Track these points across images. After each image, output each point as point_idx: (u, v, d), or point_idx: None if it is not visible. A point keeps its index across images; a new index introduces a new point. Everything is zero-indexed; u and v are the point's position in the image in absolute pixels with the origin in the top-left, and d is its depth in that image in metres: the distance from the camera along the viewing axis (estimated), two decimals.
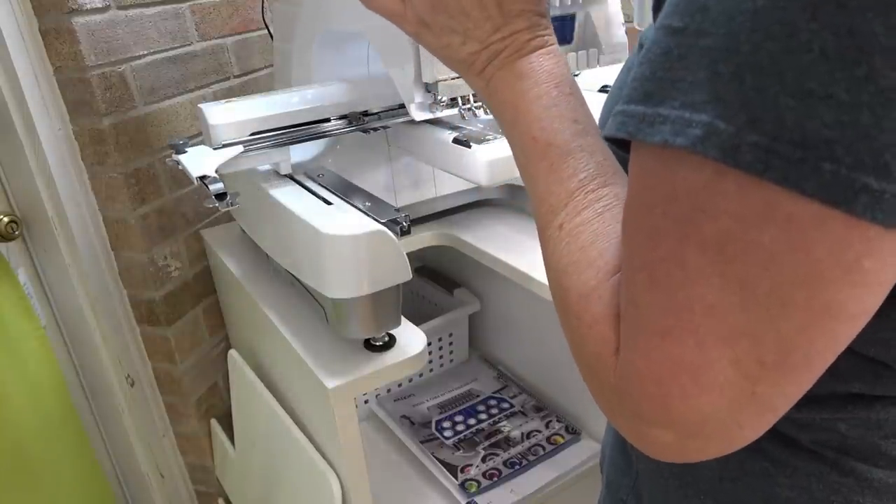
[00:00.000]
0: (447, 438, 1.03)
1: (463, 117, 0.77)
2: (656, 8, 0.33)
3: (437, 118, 0.76)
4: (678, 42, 0.26)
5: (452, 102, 0.73)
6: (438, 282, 1.24)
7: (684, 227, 0.26)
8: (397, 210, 0.67)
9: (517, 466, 0.97)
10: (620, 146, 0.30)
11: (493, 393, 1.14)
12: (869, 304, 0.25)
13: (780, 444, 0.38)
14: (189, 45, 1.03)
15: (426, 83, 0.71)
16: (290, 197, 0.73)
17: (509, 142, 0.40)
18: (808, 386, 0.28)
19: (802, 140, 0.22)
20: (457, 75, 0.72)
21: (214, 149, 0.72)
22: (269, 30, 1.14)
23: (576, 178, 0.35)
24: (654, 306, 0.27)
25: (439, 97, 0.71)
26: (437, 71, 0.70)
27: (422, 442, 1.03)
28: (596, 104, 0.40)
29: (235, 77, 1.14)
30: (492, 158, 0.72)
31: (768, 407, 0.28)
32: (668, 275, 0.27)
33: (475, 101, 0.78)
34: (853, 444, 0.36)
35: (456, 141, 0.75)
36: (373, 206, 0.69)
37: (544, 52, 0.39)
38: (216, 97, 1.09)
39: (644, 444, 0.30)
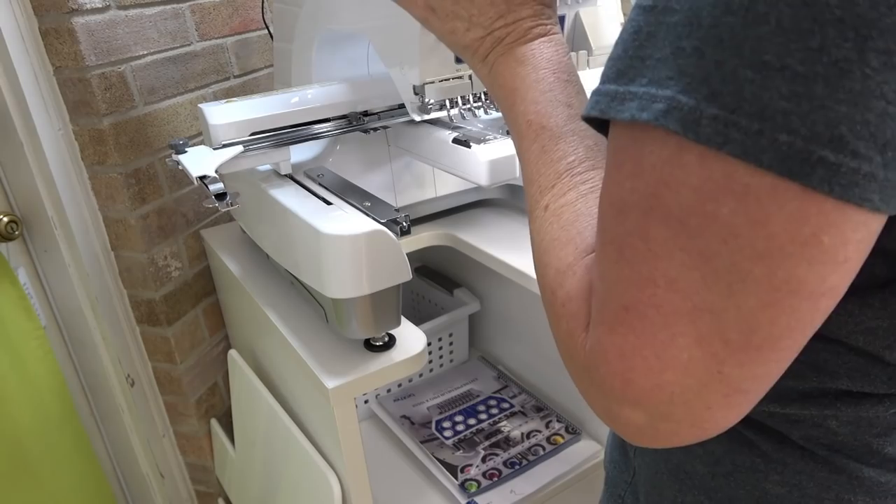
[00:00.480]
0: (447, 438, 1.03)
1: (463, 117, 0.77)
2: None
3: (438, 118, 0.76)
4: (648, 20, 0.26)
5: (442, 104, 0.73)
6: (438, 282, 1.24)
7: (649, 201, 0.26)
8: (397, 210, 0.67)
9: (517, 466, 0.97)
10: (602, 129, 0.30)
11: (493, 393, 1.14)
12: (832, 282, 0.25)
13: (770, 440, 0.38)
14: (189, 45, 1.03)
15: (414, 86, 0.72)
16: (290, 197, 0.73)
17: (509, 126, 0.41)
18: (778, 368, 0.27)
19: (760, 112, 0.22)
20: (445, 77, 0.72)
21: (214, 149, 0.72)
22: (269, 30, 1.14)
23: (564, 160, 0.36)
24: (620, 280, 0.27)
25: (427, 99, 0.72)
26: (426, 73, 0.70)
27: (422, 442, 1.03)
28: None
29: (235, 77, 1.14)
30: (492, 158, 0.72)
31: (736, 388, 0.27)
32: (633, 248, 0.27)
33: (475, 101, 0.78)
34: (844, 442, 0.36)
35: (456, 141, 0.75)
36: (373, 206, 0.69)
37: (545, 39, 0.40)
38: (216, 97, 1.09)
39: (617, 425, 0.30)
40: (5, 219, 0.88)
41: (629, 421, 0.29)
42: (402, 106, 0.81)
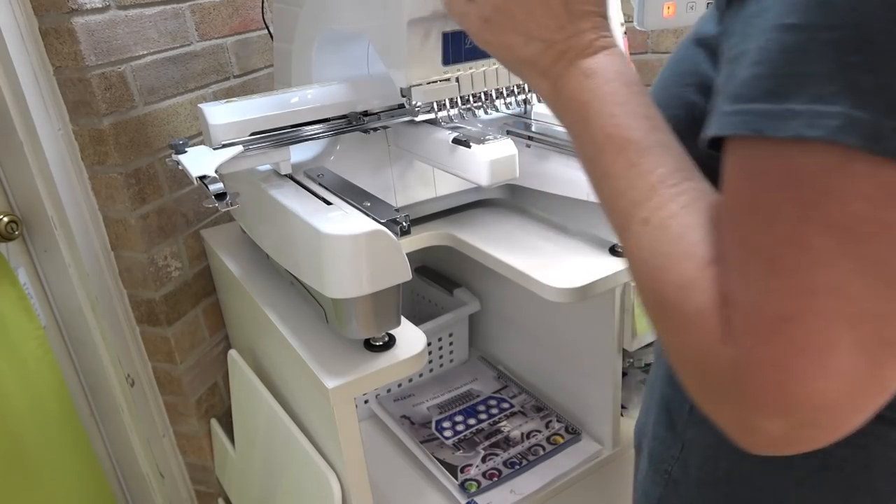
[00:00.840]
0: (447, 438, 1.03)
1: (463, 117, 0.77)
2: (727, 4, 0.33)
3: (437, 118, 0.76)
4: (797, 38, 0.26)
5: (430, 108, 0.74)
6: (438, 282, 1.24)
7: (806, 211, 0.26)
8: (397, 210, 0.67)
9: (517, 466, 0.97)
10: (713, 146, 0.31)
11: (493, 393, 1.14)
12: None
13: None
14: (189, 45, 1.03)
15: (401, 88, 0.72)
16: (290, 197, 0.73)
17: (576, 141, 0.40)
18: None
19: None
20: (432, 80, 0.72)
21: (214, 149, 0.72)
22: (269, 30, 1.14)
23: (656, 172, 0.35)
24: (774, 290, 0.27)
25: (413, 102, 0.72)
26: (412, 76, 0.70)
27: (422, 442, 1.03)
28: None
29: (235, 77, 1.14)
30: (492, 158, 0.72)
31: (885, 388, 0.28)
32: (789, 258, 0.27)
33: (475, 102, 0.78)
34: None
35: (456, 141, 0.75)
36: (373, 206, 0.69)
37: (609, 52, 0.40)
38: (216, 97, 1.09)
39: (750, 437, 0.30)
40: (5, 219, 0.88)
41: (766, 431, 0.29)
42: (402, 106, 0.81)
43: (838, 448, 0.37)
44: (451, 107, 0.75)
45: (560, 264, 0.81)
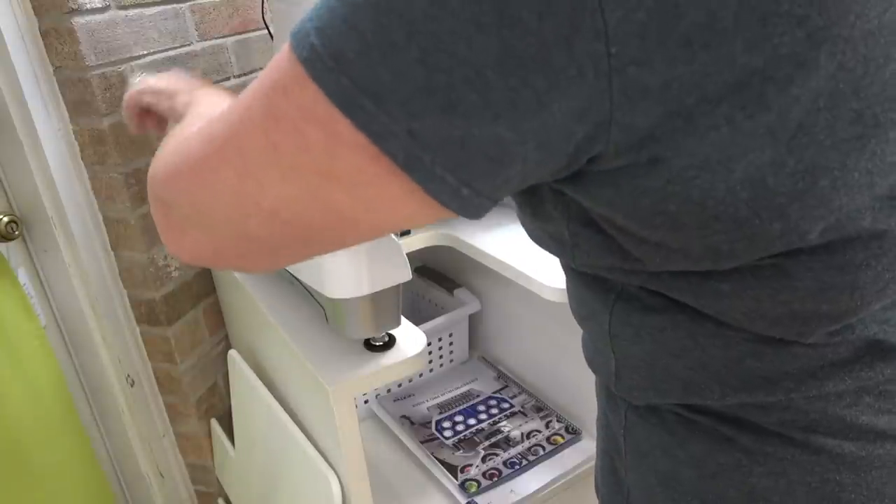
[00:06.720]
0: (447, 438, 1.03)
1: None
2: None
3: None
4: None
5: None
6: (438, 282, 1.24)
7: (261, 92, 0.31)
8: None
9: (517, 466, 0.97)
10: None
11: (493, 393, 1.14)
12: (347, 205, 0.30)
13: (747, 433, 0.38)
14: (189, 45, 1.03)
15: None
16: None
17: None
18: (298, 250, 0.36)
19: (335, 54, 0.28)
20: None
21: None
22: (269, 30, 1.14)
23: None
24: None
25: None
26: None
27: (422, 442, 1.03)
28: None
29: (235, 77, 1.14)
30: None
31: (256, 238, 0.34)
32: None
33: None
34: (818, 420, 0.37)
35: None
36: None
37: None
38: None
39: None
40: (5, 219, 0.88)
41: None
42: None
43: (760, 479, 0.38)
44: None
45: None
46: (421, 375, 1.20)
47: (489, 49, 0.26)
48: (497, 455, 1.00)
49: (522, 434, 1.04)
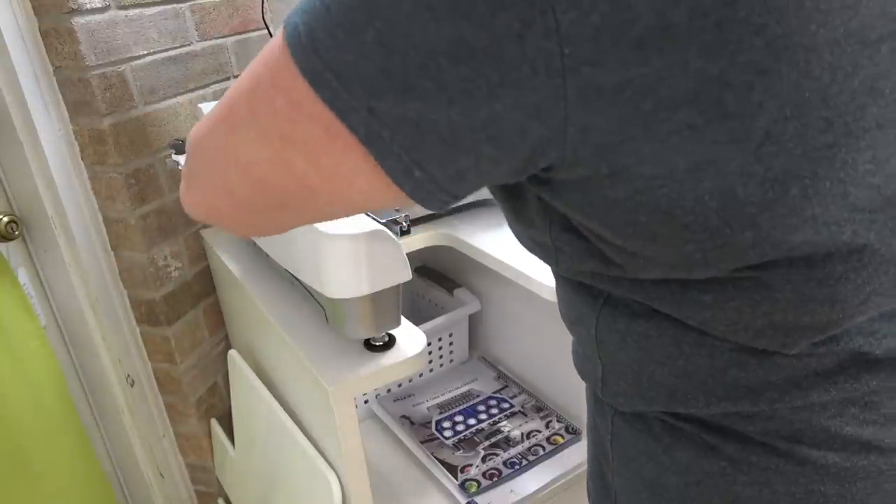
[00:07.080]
0: (447, 438, 1.03)
1: None
2: None
3: None
4: None
5: None
6: (438, 282, 1.24)
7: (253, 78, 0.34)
8: (397, 210, 0.67)
9: (517, 466, 0.97)
10: None
11: (493, 393, 1.14)
12: (307, 171, 0.32)
13: (732, 441, 0.38)
14: (189, 45, 1.03)
15: None
16: None
17: None
18: (277, 216, 0.37)
19: (309, 34, 0.29)
20: None
21: None
22: (269, 30, 1.14)
23: None
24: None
25: None
26: None
27: (422, 442, 1.03)
28: None
29: (235, 77, 1.14)
30: None
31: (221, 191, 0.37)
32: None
33: None
34: (802, 430, 0.36)
35: None
36: None
37: None
38: (216, 97, 1.09)
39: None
40: (5, 219, 0.88)
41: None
42: None
43: (744, 488, 0.39)
44: None
45: None
46: (421, 375, 1.20)
47: (442, 37, 0.27)
48: (497, 455, 1.00)
49: (522, 434, 1.04)
